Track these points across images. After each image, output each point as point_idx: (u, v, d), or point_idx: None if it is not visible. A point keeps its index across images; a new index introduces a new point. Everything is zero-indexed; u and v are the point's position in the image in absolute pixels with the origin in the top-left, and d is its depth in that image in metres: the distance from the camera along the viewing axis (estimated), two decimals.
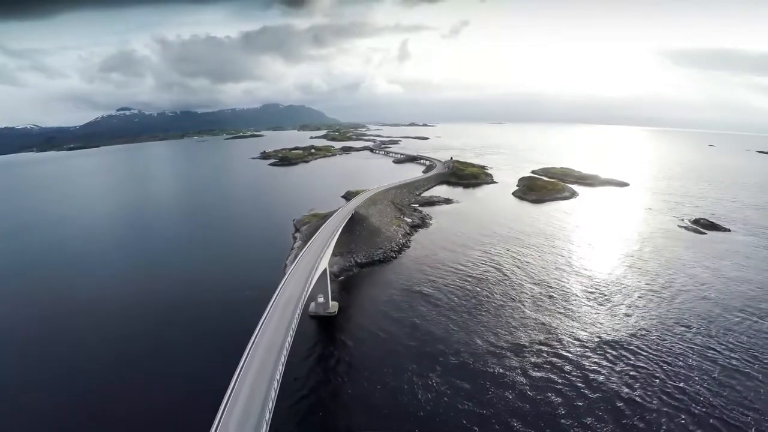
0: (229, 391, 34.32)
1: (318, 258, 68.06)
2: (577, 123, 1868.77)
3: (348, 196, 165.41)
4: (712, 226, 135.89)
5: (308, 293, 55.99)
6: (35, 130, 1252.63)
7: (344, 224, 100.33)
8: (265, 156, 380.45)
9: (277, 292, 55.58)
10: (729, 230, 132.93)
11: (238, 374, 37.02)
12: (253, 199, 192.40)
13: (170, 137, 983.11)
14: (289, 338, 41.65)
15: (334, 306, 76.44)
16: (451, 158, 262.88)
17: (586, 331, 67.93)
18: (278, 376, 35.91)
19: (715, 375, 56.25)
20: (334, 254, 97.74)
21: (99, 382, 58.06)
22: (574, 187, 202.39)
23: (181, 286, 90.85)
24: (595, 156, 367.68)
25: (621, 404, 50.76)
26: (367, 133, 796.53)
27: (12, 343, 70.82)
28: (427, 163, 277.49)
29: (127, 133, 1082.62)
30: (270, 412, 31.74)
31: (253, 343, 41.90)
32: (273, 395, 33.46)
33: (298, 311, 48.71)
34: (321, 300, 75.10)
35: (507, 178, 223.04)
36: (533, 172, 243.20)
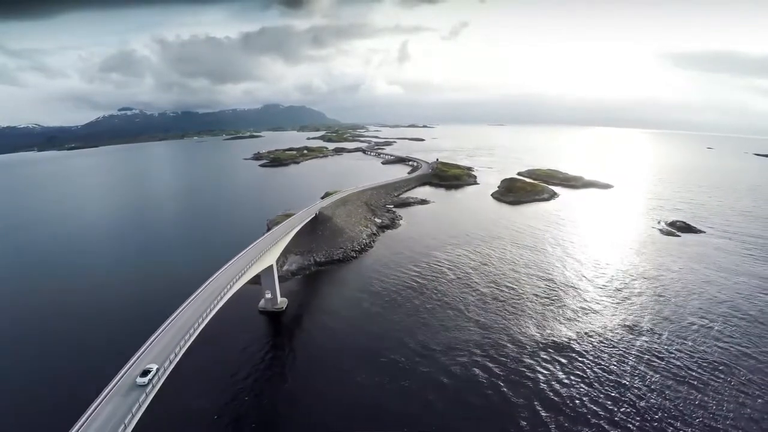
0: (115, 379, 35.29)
1: (258, 255, 68.86)
2: (579, 125, 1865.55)
3: (326, 197, 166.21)
4: (688, 229, 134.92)
5: (232, 290, 56.81)
6: (37, 129, 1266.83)
7: (305, 224, 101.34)
8: (257, 157, 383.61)
9: (203, 287, 56.56)
10: (704, 232, 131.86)
11: (135, 361, 38.08)
12: (234, 200, 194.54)
13: (170, 137, 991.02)
14: (189, 334, 42.25)
15: (282, 302, 77.90)
16: (437, 159, 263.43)
17: (523, 334, 68.16)
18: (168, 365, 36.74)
19: (647, 382, 55.37)
20: (294, 253, 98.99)
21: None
22: (557, 188, 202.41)
23: (142, 283, 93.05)
24: (588, 158, 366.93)
25: (542, 407, 50.78)
26: (365, 134, 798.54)
27: None
28: (414, 164, 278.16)
29: (127, 133, 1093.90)
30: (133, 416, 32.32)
31: (156, 336, 42.66)
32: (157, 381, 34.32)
33: (212, 307, 49.38)
34: (269, 296, 76.64)
35: (491, 180, 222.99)
36: (519, 173, 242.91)
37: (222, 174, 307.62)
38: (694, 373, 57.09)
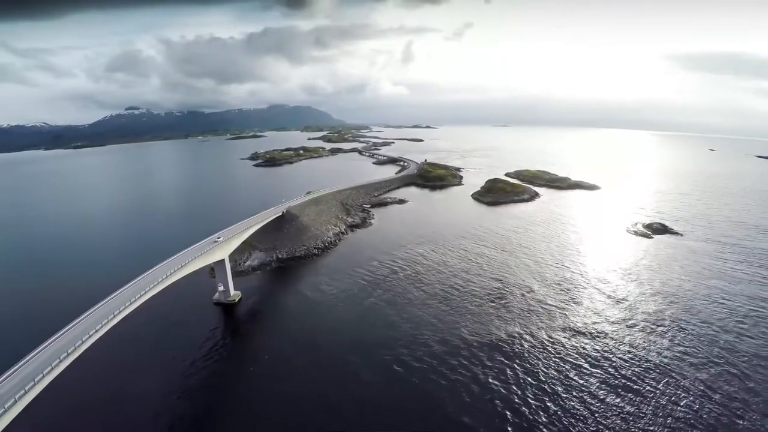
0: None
1: (201, 250, 71.77)
2: (583, 126, 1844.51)
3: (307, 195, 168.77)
4: (664, 231, 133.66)
5: (168, 280, 59.58)
6: (44, 128, 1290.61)
7: (271, 222, 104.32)
8: (254, 157, 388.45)
9: (136, 279, 59.28)
10: (681, 235, 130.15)
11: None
12: (219, 199, 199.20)
13: (175, 137, 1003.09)
14: (104, 322, 45.15)
15: (236, 295, 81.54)
16: (425, 160, 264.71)
17: (458, 334, 68.83)
18: (80, 344, 42.23)
19: (574, 385, 55.31)
20: (258, 249, 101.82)
21: None
22: (541, 189, 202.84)
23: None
24: (585, 159, 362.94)
25: (457, 406, 51.98)
26: (367, 134, 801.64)
27: None
28: (404, 164, 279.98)
29: (133, 132, 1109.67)
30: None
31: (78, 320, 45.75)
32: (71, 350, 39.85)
33: (134, 299, 52.13)
34: (222, 289, 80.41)
35: (476, 180, 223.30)
36: (507, 174, 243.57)
37: (215, 174, 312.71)
38: (624, 377, 56.77)
